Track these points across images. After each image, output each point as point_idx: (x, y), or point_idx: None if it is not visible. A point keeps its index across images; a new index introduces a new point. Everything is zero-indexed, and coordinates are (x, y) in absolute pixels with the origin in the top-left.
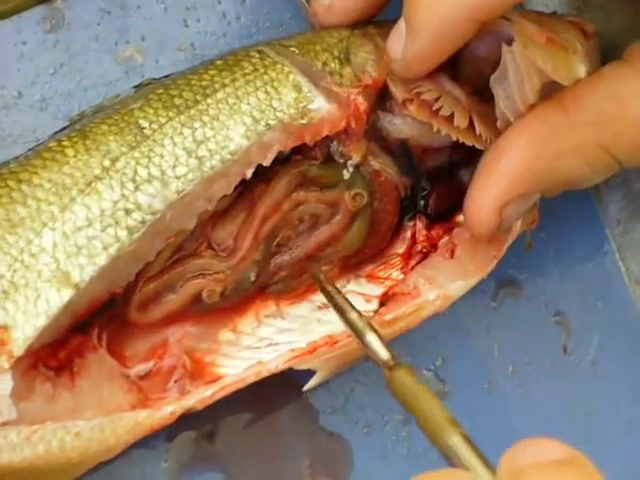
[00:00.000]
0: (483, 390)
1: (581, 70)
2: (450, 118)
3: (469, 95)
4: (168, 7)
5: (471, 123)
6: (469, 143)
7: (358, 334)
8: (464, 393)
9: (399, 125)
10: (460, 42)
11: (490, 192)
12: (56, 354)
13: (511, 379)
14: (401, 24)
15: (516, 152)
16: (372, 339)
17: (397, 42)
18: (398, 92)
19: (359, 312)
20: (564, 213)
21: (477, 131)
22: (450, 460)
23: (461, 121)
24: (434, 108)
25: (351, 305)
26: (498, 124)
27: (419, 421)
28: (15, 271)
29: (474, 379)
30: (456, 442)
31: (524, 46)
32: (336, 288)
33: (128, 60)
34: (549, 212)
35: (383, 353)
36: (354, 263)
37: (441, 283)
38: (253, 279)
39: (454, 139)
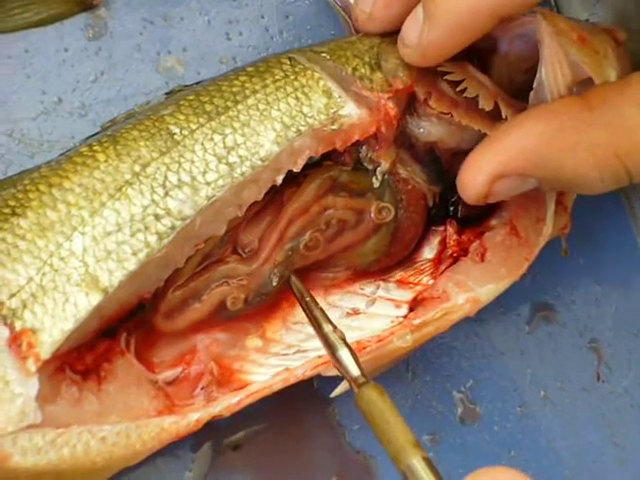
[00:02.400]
0: (515, 414)
1: (611, 74)
2: (470, 109)
3: (494, 82)
4: (211, 20)
5: (495, 111)
6: (490, 133)
7: (330, 348)
8: (496, 416)
9: (427, 127)
10: (477, 35)
11: (489, 159)
12: (83, 358)
13: (543, 404)
14: (419, 10)
15: (528, 130)
16: (344, 354)
17: (413, 28)
18: (419, 90)
19: (334, 325)
20: (602, 240)
21: (503, 114)
22: None
23: (486, 103)
24: (458, 89)
25: (327, 318)
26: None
27: (382, 440)
28: (44, 274)
29: (506, 402)
30: (416, 464)
31: (556, 34)
32: (312, 298)
33: (169, 70)
34: (587, 239)
35: (354, 369)
36: (375, 270)
37: (471, 287)
38: (275, 283)
39: (475, 130)
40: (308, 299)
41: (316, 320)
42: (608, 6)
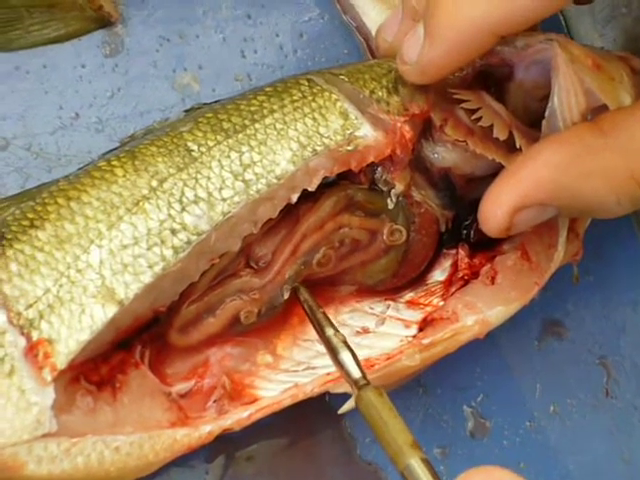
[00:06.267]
0: (525, 428)
1: (627, 100)
2: (485, 138)
3: (510, 112)
4: (226, 37)
5: (510, 140)
6: (504, 163)
7: (332, 351)
8: (506, 430)
9: (442, 153)
10: (477, 53)
11: (508, 192)
12: (98, 369)
13: (552, 419)
14: (419, 28)
15: (543, 161)
16: (346, 357)
17: (413, 45)
18: (436, 116)
19: (336, 329)
20: (612, 258)
21: (517, 144)
22: None
23: (500, 133)
24: (473, 117)
25: (329, 322)
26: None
27: (381, 442)
28: (61, 286)
29: (516, 417)
30: (415, 465)
31: (571, 61)
32: (316, 302)
33: (185, 87)
34: (597, 257)
35: (355, 372)
36: (384, 290)
37: (480, 309)
38: (286, 296)
39: (490, 158)
40: (312, 303)
41: (319, 323)
42: (618, 27)
